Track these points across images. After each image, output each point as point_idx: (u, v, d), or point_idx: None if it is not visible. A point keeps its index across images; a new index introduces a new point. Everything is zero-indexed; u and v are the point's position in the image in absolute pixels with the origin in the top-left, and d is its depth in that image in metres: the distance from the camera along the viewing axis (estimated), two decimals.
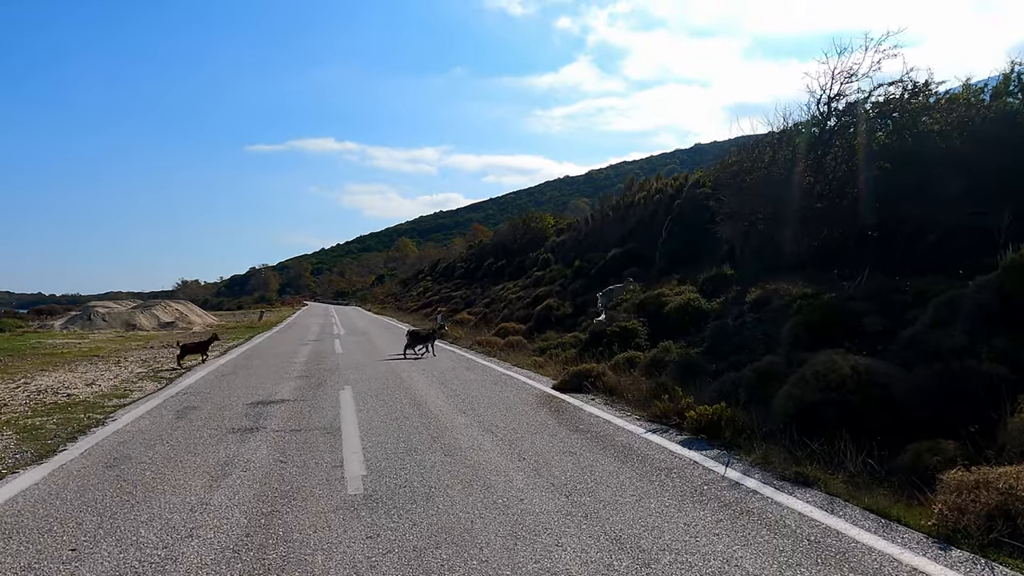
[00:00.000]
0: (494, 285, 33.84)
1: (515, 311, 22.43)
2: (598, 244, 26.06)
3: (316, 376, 11.35)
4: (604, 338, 13.84)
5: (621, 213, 25.11)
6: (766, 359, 8.67)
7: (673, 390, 8.45)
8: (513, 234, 39.12)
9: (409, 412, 7.89)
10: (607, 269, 20.54)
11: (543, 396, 9.24)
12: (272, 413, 7.81)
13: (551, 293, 22.12)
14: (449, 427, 7.02)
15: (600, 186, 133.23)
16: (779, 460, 5.52)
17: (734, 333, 11.18)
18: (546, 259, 30.52)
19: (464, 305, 32.43)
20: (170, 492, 4.74)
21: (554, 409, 8.20)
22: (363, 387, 9.98)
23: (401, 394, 9.29)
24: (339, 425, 7.08)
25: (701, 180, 20.36)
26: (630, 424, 7.25)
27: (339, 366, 12.92)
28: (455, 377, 11.21)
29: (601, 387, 9.51)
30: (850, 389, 6.54)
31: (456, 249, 69.04)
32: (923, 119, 11.47)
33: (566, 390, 9.67)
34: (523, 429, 6.91)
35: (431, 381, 10.68)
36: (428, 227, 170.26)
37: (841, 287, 10.98)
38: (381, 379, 10.95)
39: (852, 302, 9.71)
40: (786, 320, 10.45)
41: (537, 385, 10.29)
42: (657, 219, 21.85)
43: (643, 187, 24.87)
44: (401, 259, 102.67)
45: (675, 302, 13.49)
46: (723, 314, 12.59)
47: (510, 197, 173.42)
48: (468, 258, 50.12)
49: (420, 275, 63.16)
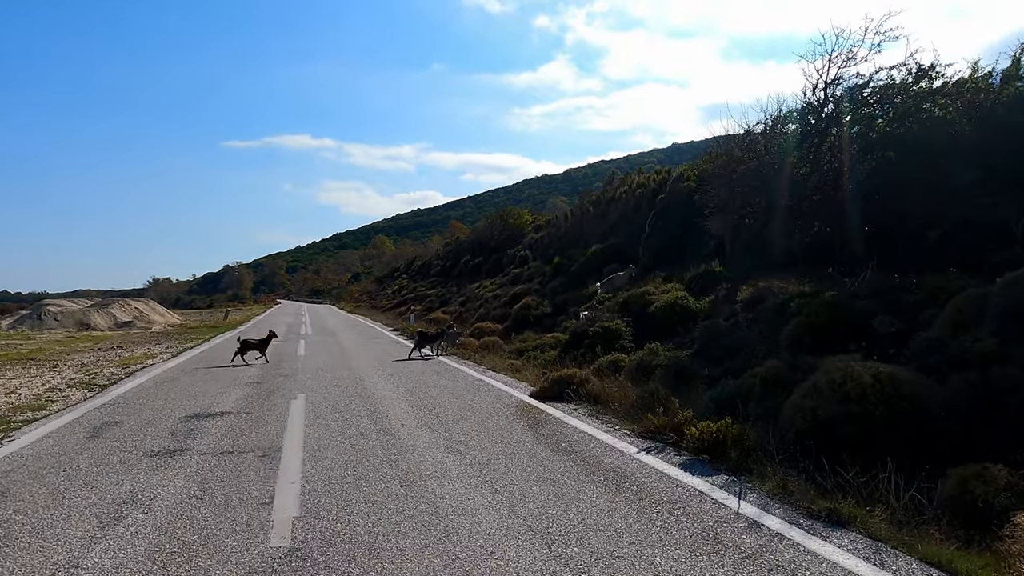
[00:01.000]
0: (470, 283, 32.80)
1: (491, 310, 21.44)
2: (578, 241, 25.17)
3: (269, 383, 10.25)
4: (586, 339, 12.91)
5: (602, 209, 24.24)
6: (768, 364, 7.78)
7: (666, 400, 7.54)
8: (490, 231, 38.08)
9: (366, 427, 6.86)
10: (588, 266, 19.63)
11: (520, 406, 8.26)
12: (205, 429, 6.72)
13: (529, 291, 21.16)
14: (411, 446, 6.01)
15: (579, 185, 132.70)
16: (801, 490, 4.61)
17: (726, 334, 10.32)
18: (524, 256, 29.57)
19: (439, 304, 31.36)
20: (36, 547, 3.66)
21: (533, 422, 7.23)
22: (319, 396, 8.92)
23: (360, 404, 8.25)
24: (281, 445, 6.03)
25: (685, 174, 19.55)
26: (620, 441, 6.30)
27: (297, 371, 11.81)
28: (423, 383, 10.19)
29: (584, 395, 8.57)
30: (873, 401, 5.66)
31: (433, 247, 67.80)
32: (925, 105, 10.72)
33: (546, 398, 8.71)
34: (496, 449, 5.93)
35: (396, 388, 9.65)
36: (406, 225, 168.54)
37: (842, 285, 10.18)
38: (341, 386, 9.89)
39: (857, 301, 8.89)
40: (784, 320, 9.62)
41: (514, 392, 9.32)
42: (640, 214, 21.01)
43: (624, 182, 24.03)
44: (378, 257, 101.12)
45: (661, 301, 12.61)
46: (713, 314, 11.74)
47: (488, 195, 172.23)
48: (444, 255, 48.97)
49: (396, 273, 61.85)
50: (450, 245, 52.49)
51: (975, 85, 10.10)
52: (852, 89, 10.93)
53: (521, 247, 31.79)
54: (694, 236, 17.13)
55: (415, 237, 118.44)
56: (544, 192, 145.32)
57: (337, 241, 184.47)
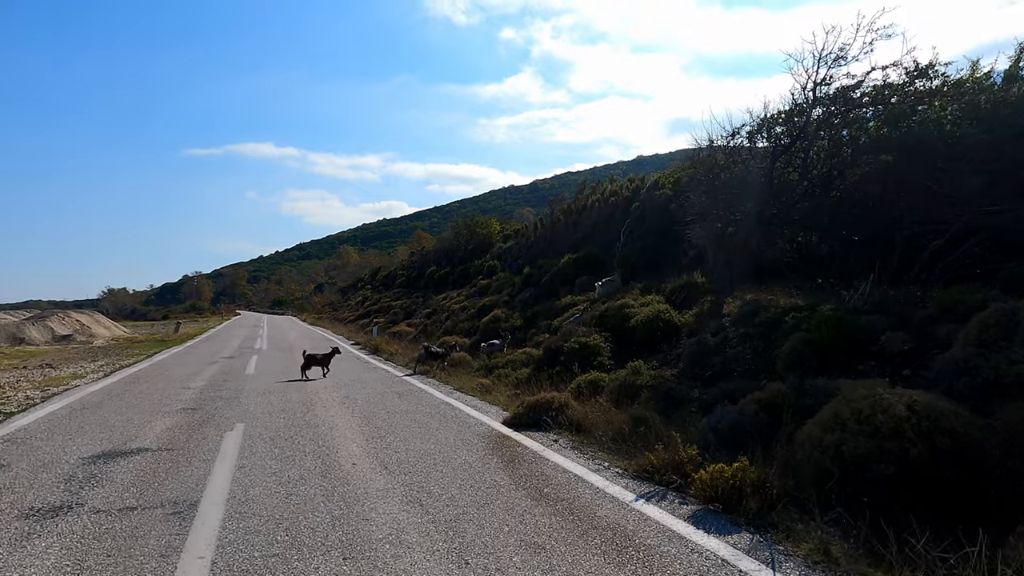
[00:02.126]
0: (436, 294, 31.67)
1: (459, 322, 20.38)
2: (548, 250, 24.31)
3: (207, 408, 9.01)
4: (561, 356, 11.97)
5: (573, 218, 23.42)
6: (771, 388, 6.92)
7: (660, 431, 6.62)
8: (457, 240, 37.04)
9: (310, 468, 5.74)
10: (560, 277, 18.72)
11: (492, 436, 7.23)
12: (111, 475, 5.52)
13: (498, 303, 20.16)
14: (361, 495, 4.93)
15: (545, 196, 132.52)
16: (847, 556, 3.69)
17: (715, 352, 9.48)
18: (492, 266, 28.61)
19: (404, 316, 30.12)
20: None
21: (508, 458, 6.21)
22: (260, 425, 7.75)
23: (307, 436, 7.11)
24: (199, 497, 4.88)
25: (660, 182, 18.84)
26: (612, 484, 5.31)
27: (243, 393, 10.57)
28: (382, 408, 9.08)
29: (565, 422, 7.58)
30: (910, 437, 4.82)
31: (399, 257, 66.39)
32: (920, 107, 10.11)
33: (521, 426, 7.69)
34: (466, 498, 4.89)
35: (351, 415, 8.52)
36: (371, 235, 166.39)
37: (839, 297, 9.43)
38: (288, 412, 8.72)
39: (860, 316, 8.11)
40: (780, 337, 8.82)
41: (484, 419, 8.28)
42: (613, 224, 20.24)
43: (596, 190, 23.26)
44: (342, 267, 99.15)
45: (642, 315, 11.74)
46: (698, 329, 10.90)
47: (455, 205, 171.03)
48: (410, 266, 47.70)
49: (360, 283, 60.27)
50: (416, 255, 51.25)
51: (975, 85, 9.50)
52: (844, 89, 10.26)
53: (489, 257, 30.84)
54: (671, 246, 16.38)
55: (380, 247, 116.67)
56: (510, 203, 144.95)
57: (301, 251, 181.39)
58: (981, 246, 9.20)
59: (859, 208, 10.66)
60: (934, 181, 9.41)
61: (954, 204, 9.27)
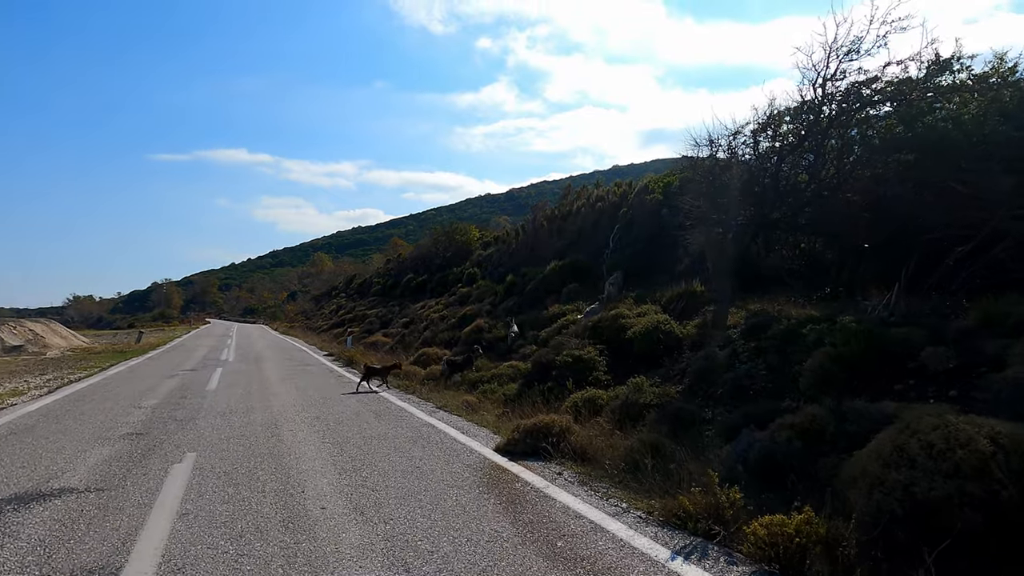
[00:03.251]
0: (413, 303, 30.59)
1: (438, 333, 19.38)
2: (531, 258, 23.43)
3: (155, 432, 7.91)
4: (553, 370, 11.07)
5: (557, 224, 22.59)
6: (805, 412, 6.08)
7: (673, 457, 5.75)
8: (435, 247, 36.00)
9: (269, 516, 4.73)
10: (546, 285, 17.84)
11: (486, 467, 6.27)
12: (17, 528, 4.43)
13: (480, 312, 19.20)
14: (332, 558, 3.94)
15: (522, 204, 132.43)
16: None
17: (726, 367, 8.64)
18: (472, 274, 27.64)
19: (380, 325, 28.99)
20: None
21: (507, 498, 5.25)
22: (215, 455, 6.69)
23: (269, 470, 6.08)
24: (124, 561, 3.85)
25: (650, 186, 18.09)
26: (638, 535, 4.39)
27: (200, 413, 9.46)
28: (358, 431, 8.06)
29: (567, 450, 6.66)
30: (999, 478, 3.99)
31: (374, 265, 65.03)
32: (938, 105, 9.46)
33: (517, 454, 6.75)
34: (463, 557, 3.93)
35: (322, 440, 7.49)
36: (346, 243, 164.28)
37: (855, 307, 8.67)
38: (250, 437, 7.66)
39: (891, 329, 7.34)
40: (800, 352, 8.03)
41: (474, 445, 7.32)
42: (600, 230, 19.45)
43: (582, 195, 22.49)
44: (316, 275, 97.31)
45: (639, 326, 10.88)
46: (701, 342, 10.08)
47: (431, 213, 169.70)
48: (386, 273, 46.48)
49: (334, 291, 58.80)
50: (392, 263, 50.04)
51: (1001, 79, 8.85)
52: (860, 84, 9.56)
53: (469, 265, 29.87)
54: (663, 253, 15.62)
55: (355, 255, 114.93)
56: (487, 211, 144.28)
57: (274, 258, 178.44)
58: (1007, 252, 8.55)
59: (873, 212, 9.97)
60: (959, 182, 8.73)
61: (982, 207, 8.60)
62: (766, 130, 10.71)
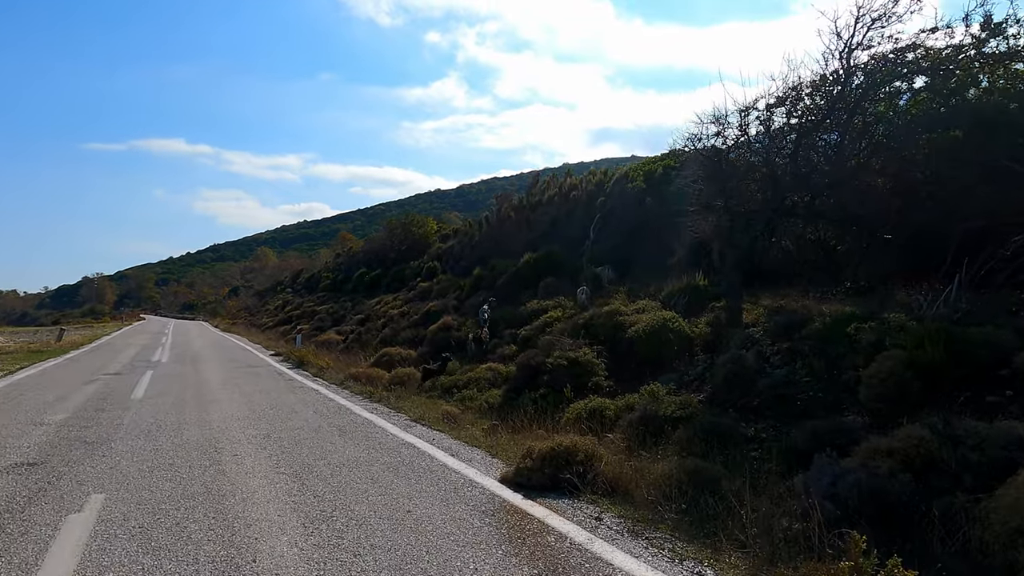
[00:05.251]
0: (368, 298, 28.71)
1: (400, 331, 17.71)
2: (496, 250, 21.98)
3: (54, 461, 6.11)
4: (544, 374, 9.65)
5: (526, 215, 21.20)
6: (905, 434, 4.82)
7: (732, 490, 4.43)
8: (390, 240, 34.13)
9: None
10: (519, 279, 16.41)
11: (497, 509, 4.79)
12: None
13: (446, 308, 17.64)
14: None
15: (472, 201, 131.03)
16: None
17: (760, 373, 7.40)
18: (432, 268, 26.00)
19: (331, 322, 27.01)
20: None
21: (544, 565, 3.79)
22: (129, 500, 5.00)
23: (204, 523, 4.45)
24: None
25: (630, 174, 16.87)
26: None
27: (119, 431, 7.65)
28: (321, 455, 6.45)
29: (596, 481, 5.24)
30: None
31: (322, 259, 62.33)
32: (981, 77, 8.48)
33: (532, 488, 5.28)
34: None
35: (275, 469, 5.87)
36: (291, 237, 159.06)
37: (914, 305, 7.55)
38: (181, 466, 5.97)
39: (972, 329, 6.20)
40: (850, 354, 6.87)
41: (471, 474, 5.81)
42: (574, 220, 18.15)
43: (552, 184, 21.16)
44: (260, 270, 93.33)
45: (643, 324, 9.58)
46: (717, 342, 8.85)
47: (379, 208, 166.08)
48: (336, 268, 44.21)
49: (279, 287, 55.95)
50: (342, 257, 47.73)
51: None
52: (899, 51, 8.46)
53: (427, 258, 28.21)
54: (649, 244, 14.41)
55: (301, 249, 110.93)
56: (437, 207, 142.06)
57: (215, 252, 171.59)
58: None
59: (905, 197, 8.92)
60: (1015, 160, 7.70)
61: None
62: (784, 104, 9.54)
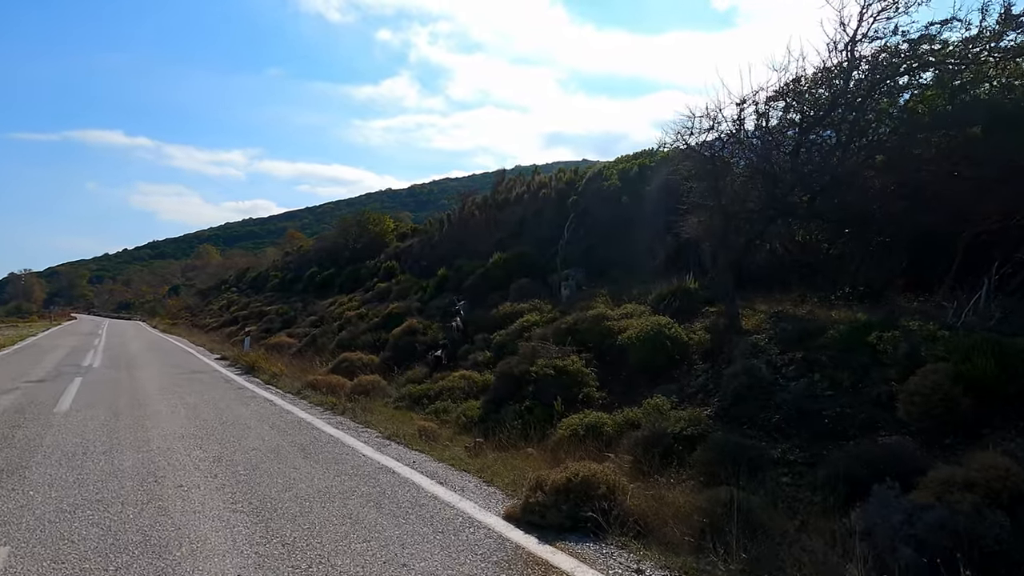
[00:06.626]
0: (321, 299, 27.31)
1: (359, 334, 16.57)
2: (460, 250, 21.04)
3: None
4: (529, 384, 8.83)
5: (492, 214, 20.34)
6: (984, 462, 4.19)
7: (787, 539, 3.72)
8: (345, 239, 32.70)
9: None
10: (489, 281, 15.54)
11: (512, 558, 3.93)
12: None
13: (410, 311, 16.61)
14: None
15: (424, 201, 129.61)
16: None
17: (775, 387, 6.75)
18: (390, 268, 24.83)
19: (282, 324, 25.52)
20: None
21: None
22: (43, 557, 3.93)
23: None
24: None
25: (605, 172, 16.23)
26: None
27: (34, 455, 6.44)
28: (284, 485, 5.45)
29: (631, 524, 4.43)
30: None
31: (269, 257, 59.95)
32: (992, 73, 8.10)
33: (548, 527, 4.45)
34: None
35: (231, 506, 4.85)
36: (236, 234, 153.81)
37: (941, 312, 7.03)
38: (111, 504, 4.89)
39: (1020, 339, 5.67)
40: (876, 367, 6.30)
41: (469, 509, 4.93)
42: (544, 220, 17.40)
43: (520, 182, 20.37)
44: (202, 268, 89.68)
45: (635, 330, 8.86)
46: (717, 350, 8.19)
47: (329, 207, 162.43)
48: (285, 266, 42.32)
49: (223, 285, 53.43)
50: (291, 255, 45.79)
51: None
52: (915, 42, 7.98)
53: (384, 257, 27.00)
54: (627, 245, 13.78)
55: (247, 248, 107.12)
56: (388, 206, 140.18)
57: (154, 249, 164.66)
58: None
59: (912, 199, 8.46)
60: None
61: None
62: (785, 97, 8.99)
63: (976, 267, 7.91)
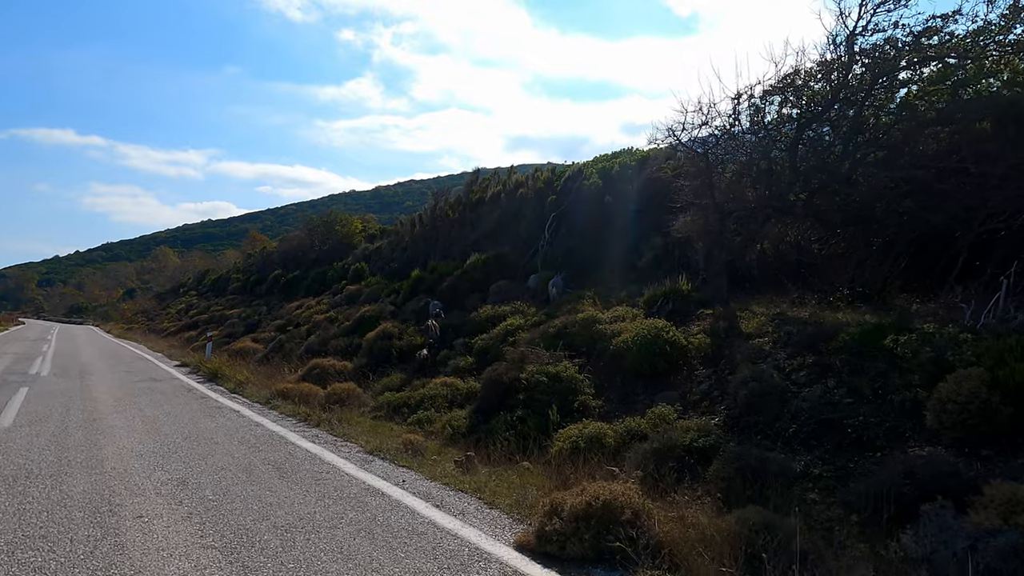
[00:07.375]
0: (286, 301, 26.37)
1: (329, 339, 15.82)
2: (432, 251, 20.48)
3: None
4: (519, 392, 8.31)
5: (467, 214, 19.77)
6: None
7: None
8: (311, 240, 31.72)
9: None
10: (467, 282, 14.97)
11: None
12: None
13: (382, 314, 15.92)
14: None
15: (388, 203, 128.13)
16: None
17: (790, 394, 6.37)
18: (359, 269, 24.07)
19: (245, 329, 24.48)
20: None
21: None
22: None
23: None
24: None
25: (585, 171, 15.82)
26: None
27: None
28: (261, 513, 4.82)
29: (663, 555, 3.95)
30: None
31: (230, 259, 58.19)
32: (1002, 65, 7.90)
33: (567, 560, 3.94)
34: None
35: (200, 542, 4.21)
36: (194, 236, 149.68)
37: (958, 314, 6.74)
38: (58, 544, 4.20)
39: None
40: (898, 373, 5.96)
41: (473, 537, 4.38)
42: (523, 220, 16.88)
43: (497, 181, 19.83)
44: (159, 270, 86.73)
45: (629, 333, 8.42)
46: (719, 355, 7.80)
47: (291, 208, 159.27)
48: (247, 268, 40.98)
49: (182, 289, 51.63)
50: (253, 257, 44.38)
51: None
52: (918, 35, 7.72)
53: (353, 259, 26.19)
54: (610, 246, 13.38)
55: (206, 250, 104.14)
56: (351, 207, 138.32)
57: (107, 252, 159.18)
58: None
59: (914, 197, 8.22)
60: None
61: None
62: (784, 91, 8.67)
63: (978, 267, 7.71)
